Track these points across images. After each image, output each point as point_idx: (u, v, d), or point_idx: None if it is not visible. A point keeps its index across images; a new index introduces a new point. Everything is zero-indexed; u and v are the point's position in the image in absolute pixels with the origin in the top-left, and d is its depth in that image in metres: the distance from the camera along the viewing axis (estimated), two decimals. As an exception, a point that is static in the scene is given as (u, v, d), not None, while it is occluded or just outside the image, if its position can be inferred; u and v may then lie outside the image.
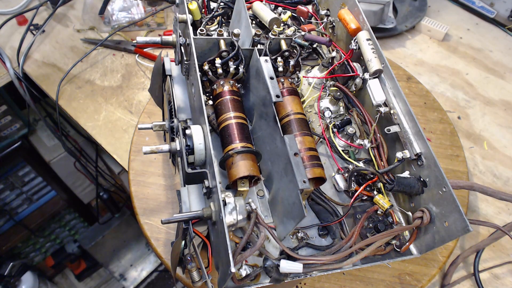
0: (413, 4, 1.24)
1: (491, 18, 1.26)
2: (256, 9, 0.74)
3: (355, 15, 0.70)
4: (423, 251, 0.60)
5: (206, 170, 0.53)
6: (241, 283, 0.54)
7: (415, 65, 1.13)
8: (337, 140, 0.69)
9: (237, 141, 0.57)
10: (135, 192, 0.78)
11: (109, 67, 1.06)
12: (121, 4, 1.11)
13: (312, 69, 0.79)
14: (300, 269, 0.51)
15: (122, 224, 1.83)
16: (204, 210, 0.50)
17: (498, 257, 0.80)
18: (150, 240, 0.72)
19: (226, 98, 0.61)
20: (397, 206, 0.66)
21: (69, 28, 1.14)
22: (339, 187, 0.65)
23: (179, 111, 0.68)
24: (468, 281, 0.77)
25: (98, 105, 0.99)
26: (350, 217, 0.63)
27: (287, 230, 0.56)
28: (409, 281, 0.71)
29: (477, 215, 0.86)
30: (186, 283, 0.67)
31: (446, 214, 0.54)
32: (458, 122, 1.01)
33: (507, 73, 1.14)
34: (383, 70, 0.65)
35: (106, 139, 0.93)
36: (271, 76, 0.58)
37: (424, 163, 0.58)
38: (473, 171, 0.93)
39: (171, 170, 0.81)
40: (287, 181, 0.53)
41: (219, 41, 0.62)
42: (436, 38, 1.20)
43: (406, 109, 0.61)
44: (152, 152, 0.56)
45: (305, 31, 0.72)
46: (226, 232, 0.45)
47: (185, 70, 0.65)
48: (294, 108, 0.63)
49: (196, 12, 0.69)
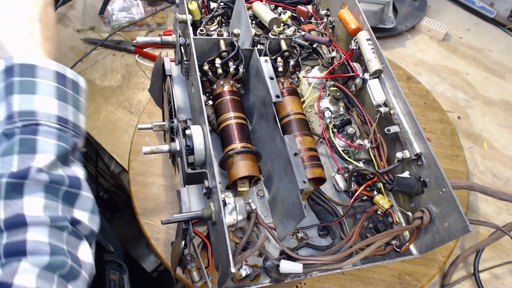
0: (413, 4, 1.24)
1: (491, 18, 1.26)
2: (256, 9, 0.74)
3: (355, 15, 0.70)
4: (423, 251, 0.60)
5: (206, 170, 0.53)
6: (241, 283, 0.54)
7: (415, 65, 1.13)
8: (337, 140, 0.69)
9: (237, 141, 0.57)
10: (135, 192, 0.78)
11: (109, 67, 1.06)
12: (121, 4, 1.11)
13: (312, 69, 0.79)
14: (300, 269, 0.51)
15: (122, 224, 1.82)
16: (204, 210, 0.50)
17: (498, 257, 0.80)
18: (150, 240, 0.72)
19: (226, 98, 0.61)
20: (397, 206, 0.66)
21: (69, 28, 1.14)
22: (339, 187, 0.65)
23: (179, 111, 0.68)
24: (468, 281, 0.77)
25: (98, 105, 0.99)
26: (350, 217, 0.63)
27: (287, 230, 0.56)
28: (409, 281, 0.71)
29: (477, 215, 0.86)
30: (186, 283, 0.67)
31: (446, 214, 0.54)
32: (458, 122, 1.01)
33: (507, 73, 1.14)
34: (383, 70, 0.65)
35: (106, 139, 0.93)
36: (271, 76, 0.58)
37: (424, 163, 0.58)
38: (473, 171, 0.93)
39: (171, 170, 0.81)
40: (287, 181, 0.53)
41: (219, 41, 0.62)
42: (436, 38, 1.20)
43: (406, 109, 0.61)
44: (152, 152, 0.56)
45: (305, 31, 0.72)
46: (226, 232, 0.45)
47: (185, 70, 0.65)
48: (294, 108, 0.63)
49: (196, 12, 0.69)
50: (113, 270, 0.70)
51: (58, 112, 0.46)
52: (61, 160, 0.45)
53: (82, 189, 0.46)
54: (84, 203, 0.46)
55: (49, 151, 0.44)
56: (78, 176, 0.46)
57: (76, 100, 0.50)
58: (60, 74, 0.49)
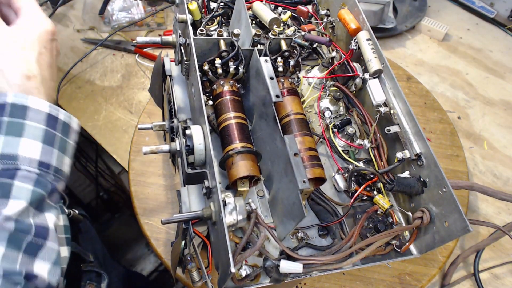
0: (413, 4, 1.24)
1: (491, 18, 1.26)
2: (256, 9, 0.74)
3: (355, 15, 0.70)
4: (423, 251, 0.60)
5: (206, 170, 0.53)
6: (241, 283, 0.54)
7: (415, 65, 1.13)
8: (337, 140, 0.69)
9: (237, 141, 0.57)
10: (135, 192, 0.78)
11: (109, 67, 1.06)
12: (121, 4, 1.11)
13: (312, 69, 0.79)
14: (300, 269, 0.51)
15: (122, 224, 1.82)
16: (204, 210, 0.50)
17: (498, 257, 0.80)
18: (150, 240, 0.72)
19: (226, 98, 0.61)
20: (397, 206, 0.66)
21: (69, 28, 1.14)
22: (339, 187, 0.65)
23: (179, 111, 0.68)
24: (468, 281, 0.77)
25: (98, 105, 0.99)
26: (350, 217, 0.63)
27: (287, 230, 0.56)
28: (409, 281, 0.71)
29: (477, 215, 0.86)
30: (186, 283, 0.67)
31: (446, 214, 0.54)
32: (458, 122, 1.01)
33: (507, 73, 1.14)
34: (383, 70, 0.65)
35: (106, 139, 0.93)
36: (271, 76, 0.58)
37: (424, 163, 0.58)
38: (473, 171, 0.93)
39: (171, 170, 0.81)
40: (287, 181, 0.53)
41: (219, 41, 0.62)
42: (436, 38, 1.20)
43: (406, 109, 0.61)
44: (152, 152, 0.56)
45: (305, 31, 0.72)
46: (226, 232, 0.45)
47: (185, 70, 0.65)
48: (294, 108, 0.63)
49: (196, 12, 0.69)
50: (89, 280, 0.70)
51: (41, 157, 0.46)
52: (35, 206, 0.45)
53: (48, 239, 0.46)
54: (47, 254, 0.46)
55: (22, 198, 0.44)
56: (47, 225, 0.46)
57: (64, 142, 0.50)
58: (52, 116, 0.48)
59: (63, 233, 0.64)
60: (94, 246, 0.81)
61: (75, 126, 0.52)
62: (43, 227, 0.46)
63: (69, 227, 0.66)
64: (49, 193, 0.47)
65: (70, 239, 0.64)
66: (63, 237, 0.63)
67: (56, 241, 0.47)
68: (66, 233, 0.64)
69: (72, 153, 0.52)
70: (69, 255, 0.62)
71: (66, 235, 0.64)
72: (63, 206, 0.69)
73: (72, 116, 0.52)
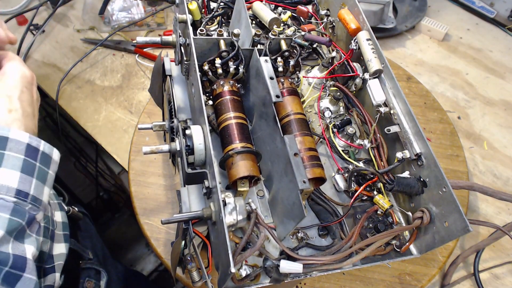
0: (413, 4, 1.24)
1: (491, 18, 1.26)
2: (256, 9, 0.74)
3: (355, 15, 0.70)
4: (423, 251, 0.60)
5: (206, 170, 0.53)
6: (241, 283, 0.54)
7: (415, 65, 1.13)
8: (337, 140, 0.69)
9: (237, 141, 0.57)
10: (135, 192, 0.78)
11: (109, 67, 1.06)
12: (121, 4, 1.11)
13: (312, 69, 0.79)
14: (300, 269, 0.51)
15: (122, 224, 1.82)
16: (204, 210, 0.50)
17: (498, 257, 0.80)
18: (150, 240, 0.72)
19: (226, 98, 0.61)
20: (397, 206, 0.66)
21: (69, 28, 1.14)
22: (339, 187, 0.65)
23: (179, 111, 0.68)
24: (468, 281, 0.77)
25: (98, 105, 0.99)
26: (350, 217, 0.63)
27: (287, 230, 0.56)
28: (409, 281, 0.71)
29: (477, 215, 0.86)
30: (186, 283, 0.67)
31: (446, 214, 0.54)
32: (458, 122, 1.01)
33: (507, 73, 1.14)
34: (383, 70, 0.65)
35: (106, 139, 0.93)
36: (271, 76, 0.58)
37: (424, 163, 0.58)
38: (473, 171, 0.93)
39: (171, 170, 0.81)
40: (287, 181, 0.53)
41: (219, 41, 0.62)
42: (436, 38, 1.20)
43: (406, 109, 0.61)
44: (152, 152, 0.56)
45: (305, 31, 0.72)
46: (226, 232, 0.45)
47: (185, 70, 0.65)
48: (294, 108, 0.63)
49: (196, 12, 0.69)
50: (88, 277, 0.70)
51: (18, 186, 0.46)
52: (14, 235, 0.45)
53: (25, 271, 0.46)
54: (24, 286, 0.46)
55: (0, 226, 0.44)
56: (26, 256, 0.46)
57: (44, 172, 0.50)
58: (32, 147, 0.49)
59: (61, 230, 0.64)
60: (93, 244, 0.81)
61: (56, 157, 0.53)
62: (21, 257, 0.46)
63: (67, 224, 0.66)
64: (27, 222, 0.47)
65: (68, 236, 0.64)
66: (61, 233, 0.63)
67: (34, 273, 0.47)
68: (64, 230, 0.64)
69: (51, 183, 0.52)
70: (67, 251, 0.62)
71: (64, 232, 0.64)
72: (62, 203, 0.70)
73: (54, 148, 0.53)
